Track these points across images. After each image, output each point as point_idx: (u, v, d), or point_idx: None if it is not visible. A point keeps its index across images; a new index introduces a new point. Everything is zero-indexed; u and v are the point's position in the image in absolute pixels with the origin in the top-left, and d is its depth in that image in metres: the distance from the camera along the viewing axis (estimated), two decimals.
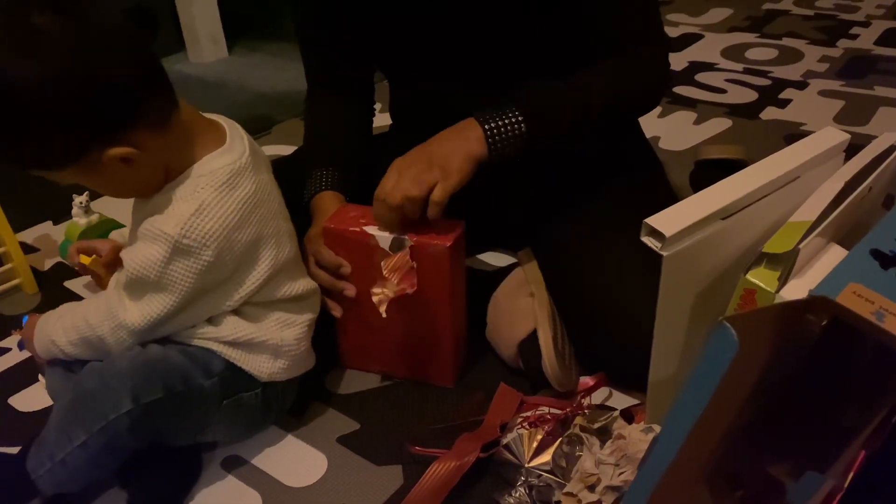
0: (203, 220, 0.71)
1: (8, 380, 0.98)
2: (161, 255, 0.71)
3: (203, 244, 0.71)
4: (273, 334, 0.80)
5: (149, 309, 0.74)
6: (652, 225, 0.63)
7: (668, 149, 1.49)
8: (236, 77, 2.10)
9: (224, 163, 0.73)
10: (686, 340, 0.71)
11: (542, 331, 0.89)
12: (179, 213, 0.71)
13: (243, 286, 0.77)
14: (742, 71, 1.89)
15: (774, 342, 0.56)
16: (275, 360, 0.81)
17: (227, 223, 0.72)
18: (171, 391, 0.75)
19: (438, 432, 0.83)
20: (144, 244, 0.72)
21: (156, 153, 0.70)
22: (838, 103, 1.67)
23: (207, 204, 0.71)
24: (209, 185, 0.72)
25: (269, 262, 0.77)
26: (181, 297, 0.73)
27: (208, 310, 0.77)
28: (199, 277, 0.73)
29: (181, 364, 0.77)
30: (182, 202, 0.71)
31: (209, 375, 0.78)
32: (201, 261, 0.72)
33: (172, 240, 0.70)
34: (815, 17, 2.30)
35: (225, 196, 0.72)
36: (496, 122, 0.82)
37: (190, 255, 0.71)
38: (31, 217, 1.36)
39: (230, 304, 0.77)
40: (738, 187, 0.69)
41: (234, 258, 0.74)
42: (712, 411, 0.53)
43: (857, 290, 0.54)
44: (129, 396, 0.72)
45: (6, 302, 1.14)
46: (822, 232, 0.62)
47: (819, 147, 0.75)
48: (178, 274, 0.72)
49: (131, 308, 0.75)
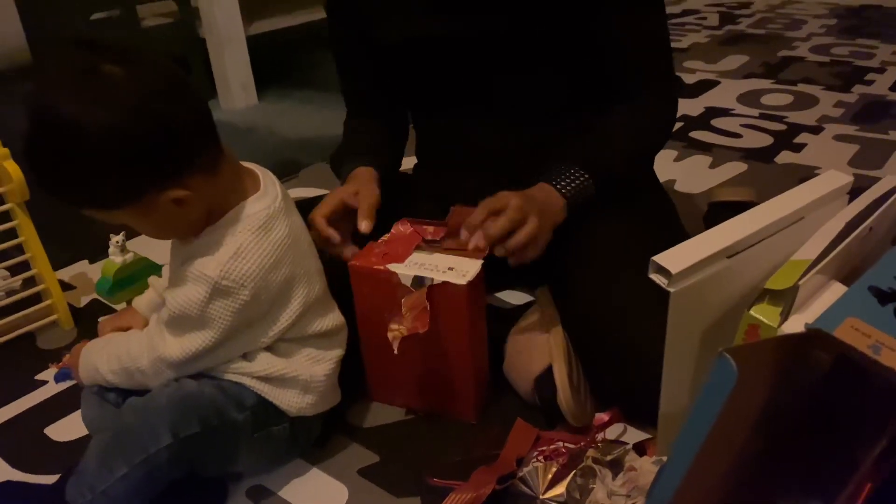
0: (241, 263, 0.75)
1: (45, 411, 1.02)
2: (202, 296, 0.75)
3: (241, 284, 0.75)
4: (303, 370, 0.84)
5: (188, 344, 0.78)
6: (659, 262, 0.66)
7: (683, 191, 1.52)
8: (266, 123, 2.18)
9: (260, 207, 0.78)
10: (695, 375, 0.73)
11: (558, 366, 0.91)
12: (219, 255, 0.75)
13: (277, 323, 0.80)
14: (758, 116, 1.93)
15: (776, 374, 0.58)
16: (304, 395, 0.84)
17: (263, 264, 0.76)
18: (207, 425, 0.78)
19: (456, 465, 0.86)
20: (187, 286, 0.76)
21: (205, 196, 0.75)
22: (853, 147, 1.69)
23: (245, 247, 0.75)
24: (246, 228, 0.76)
25: (301, 299, 0.81)
26: (220, 333, 0.77)
27: (244, 346, 0.81)
28: (236, 315, 0.77)
29: (215, 398, 0.80)
30: (221, 245, 0.76)
31: (242, 409, 0.81)
32: (239, 300, 0.76)
33: (213, 281, 0.74)
34: (831, 63, 2.34)
35: (261, 239, 0.77)
36: (570, 185, 0.89)
37: (229, 295, 0.75)
38: (68, 256, 1.42)
39: (265, 340, 0.81)
40: (743, 227, 0.72)
41: (270, 297, 0.78)
42: (716, 440, 0.56)
43: (854, 325, 0.56)
44: (169, 431, 0.76)
45: (44, 337, 1.19)
46: (822, 269, 0.64)
47: (823, 189, 0.78)
48: (217, 312, 0.76)
49: (171, 343, 0.79)
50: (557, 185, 0.87)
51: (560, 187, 0.87)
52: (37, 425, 1.00)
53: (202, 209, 0.76)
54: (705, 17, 3.11)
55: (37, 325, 1.18)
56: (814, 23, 2.88)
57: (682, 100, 2.07)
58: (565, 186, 0.87)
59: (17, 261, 1.17)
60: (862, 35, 2.64)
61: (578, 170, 0.88)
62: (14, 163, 1.10)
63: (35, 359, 1.13)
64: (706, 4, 3.33)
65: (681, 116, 1.92)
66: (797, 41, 2.62)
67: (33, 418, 1.01)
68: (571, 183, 0.88)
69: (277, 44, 2.74)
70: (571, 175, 0.89)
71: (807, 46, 2.54)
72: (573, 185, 0.89)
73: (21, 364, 1.12)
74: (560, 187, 0.87)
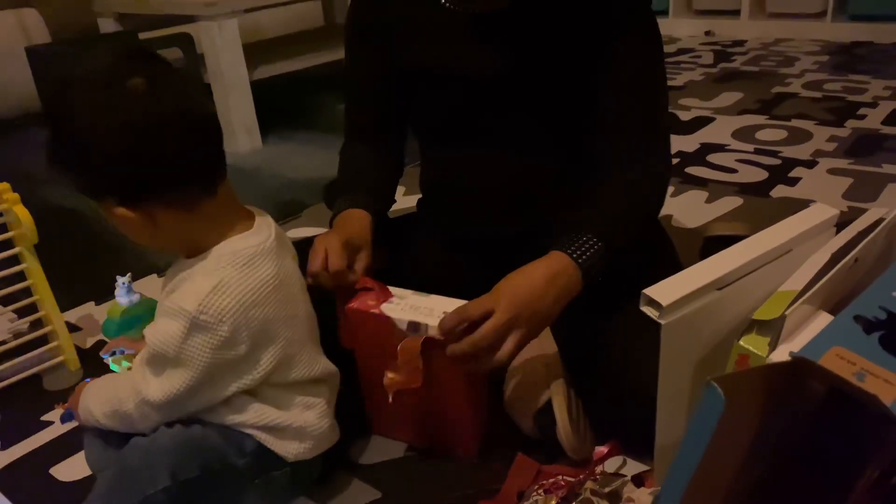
0: (220, 298, 0.74)
1: (51, 451, 1.03)
2: (180, 331, 0.74)
3: (220, 320, 0.74)
4: (296, 418, 0.83)
5: (168, 384, 0.76)
6: (650, 295, 0.68)
7: (680, 226, 1.54)
8: (270, 165, 2.22)
9: (248, 244, 0.77)
10: (689, 406, 0.75)
11: (557, 400, 0.92)
12: (198, 289, 0.74)
13: (259, 365, 0.79)
14: (752, 151, 1.96)
15: (767, 403, 0.60)
16: (300, 441, 0.84)
17: (243, 300, 0.75)
18: (207, 469, 0.78)
19: (458, 500, 0.86)
20: (165, 320, 0.75)
21: (202, 215, 0.75)
22: (847, 180, 1.72)
23: (226, 282, 0.74)
24: (231, 263, 0.76)
25: (283, 343, 0.80)
26: (199, 372, 0.75)
27: (226, 388, 0.79)
28: (215, 352, 0.75)
29: (217, 443, 0.80)
30: (203, 277, 0.75)
31: (242, 455, 0.81)
32: (217, 336, 0.74)
33: (190, 315, 0.73)
34: (824, 98, 2.38)
35: (245, 275, 0.76)
36: (585, 254, 0.86)
37: (207, 330, 0.74)
38: (75, 298, 1.44)
39: (248, 382, 0.79)
40: (733, 259, 0.74)
41: (251, 334, 0.77)
42: (709, 468, 0.57)
43: (840, 353, 0.58)
44: (168, 473, 0.76)
45: (50, 377, 1.21)
46: (809, 300, 0.66)
47: (810, 221, 0.80)
48: (195, 349, 0.74)
49: (153, 383, 0.77)
50: (571, 253, 0.85)
51: (575, 256, 0.85)
52: (43, 465, 1.01)
53: (197, 228, 0.76)
54: (700, 55, 3.17)
55: (44, 366, 1.20)
56: (806, 59, 2.94)
57: (679, 136, 2.10)
58: (580, 256, 0.85)
59: (25, 303, 1.19)
60: (854, 71, 2.69)
61: (590, 237, 0.87)
62: (24, 208, 1.12)
63: (41, 400, 1.14)
64: (701, 43, 3.40)
65: (677, 153, 1.95)
66: (790, 77, 2.67)
67: (39, 458, 1.02)
68: (586, 251, 0.86)
69: (280, 88, 2.80)
70: (582, 243, 0.87)
71: (800, 83, 2.59)
72: (587, 255, 0.86)
73: (27, 405, 1.14)
74: (575, 256, 0.85)
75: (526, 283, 0.83)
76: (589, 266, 0.86)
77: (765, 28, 3.44)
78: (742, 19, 3.50)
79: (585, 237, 0.87)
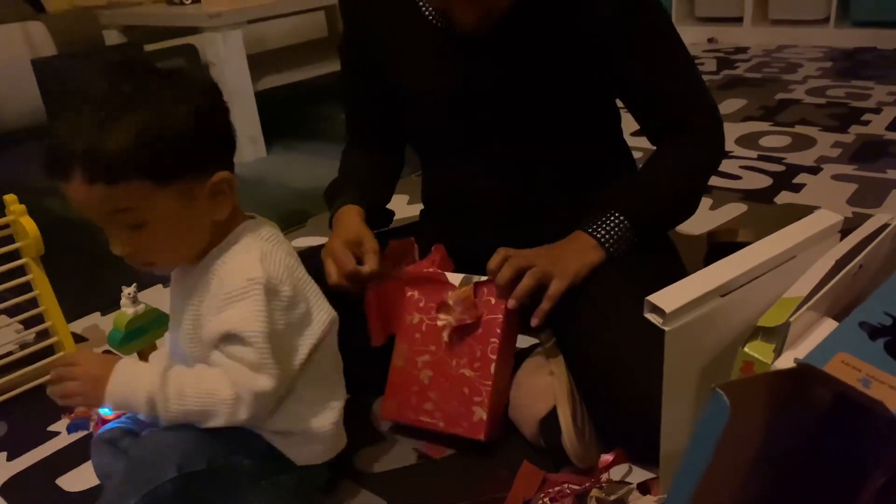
0: (270, 263, 0.77)
1: (56, 461, 1.04)
2: (261, 303, 0.75)
3: (281, 281, 0.77)
4: (310, 420, 0.84)
5: (270, 367, 0.76)
6: (653, 302, 0.68)
7: (685, 233, 1.54)
8: (274, 175, 2.23)
9: (263, 228, 0.82)
10: (694, 413, 0.74)
11: (562, 409, 0.92)
12: (250, 260, 0.77)
13: (314, 323, 0.82)
14: (756, 158, 1.96)
15: (773, 409, 0.60)
16: (312, 444, 0.85)
17: (287, 263, 0.80)
18: (213, 464, 0.79)
19: None
20: (239, 304, 0.75)
21: (226, 199, 0.78)
22: (851, 186, 1.72)
23: (267, 251, 0.78)
24: (259, 238, 0.80)
25: (321, 323, 0.83)
26: (283, 342, 0.78)
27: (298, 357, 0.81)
28: (286, 315, 0.78)
29: (227, 440, 0.80)
30: (244, 254, 0.78)
31: (251, 455, 0.82)
32: (283, 298, 0.77)
33: (262, 281, 0.75)
34: (827, 104, 2.38)
35: (275, 247, 0.80)
36: (604, 228, 0.95)
37: (276, 293, 0.77)
38: (80, 309, 1.45)
39: (310, 345, 0.81)
40: (736, 266, 0.74)
41: (304, 295, 0.81)
42: (715, 474, 0.57)
43: (845, 360, 0.58)
44: (175, 465, 0.77)
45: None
46: (813, 306, 0.66)
47: (814, 228, 0.80)
48: (275, 319, 0.76)
49: (259, 376, 0.76)
50: (588, 228, 0.95)
51: (592, 231, 0.95)
52: (49, 476, 1.01)
53: (228, 209, 0.79)
54: (703, 62, 3.17)
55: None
56: (809, 66, 2.94)
57: None
58: (597, 230, 0.95)
59: (31, 314, 1.19)
60: (857, 77, 2.69)
61: (613, 212, 0.95)
62: (30, 219, 1.13)
63: (48, 410, 1.15)
64: (704, 50, 3.41)
65: None
66: (793, 84, 2.67)
67: (46, 469, 1.03)
68: (605, 225, 0.96)
69: (284, 98, 2.81)
70: (605, 219, 0.96)
71: (803, 89, 2.59)
72: (606, 229, 0.95)
73: (34, 415, 1.14)
74: (592, 231, 0.95)
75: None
76: (613, 243, 0.95)
77: (768, 35, 3.45)
78: (745, 26, 3.50)
79: (612, 216, 0.95)
